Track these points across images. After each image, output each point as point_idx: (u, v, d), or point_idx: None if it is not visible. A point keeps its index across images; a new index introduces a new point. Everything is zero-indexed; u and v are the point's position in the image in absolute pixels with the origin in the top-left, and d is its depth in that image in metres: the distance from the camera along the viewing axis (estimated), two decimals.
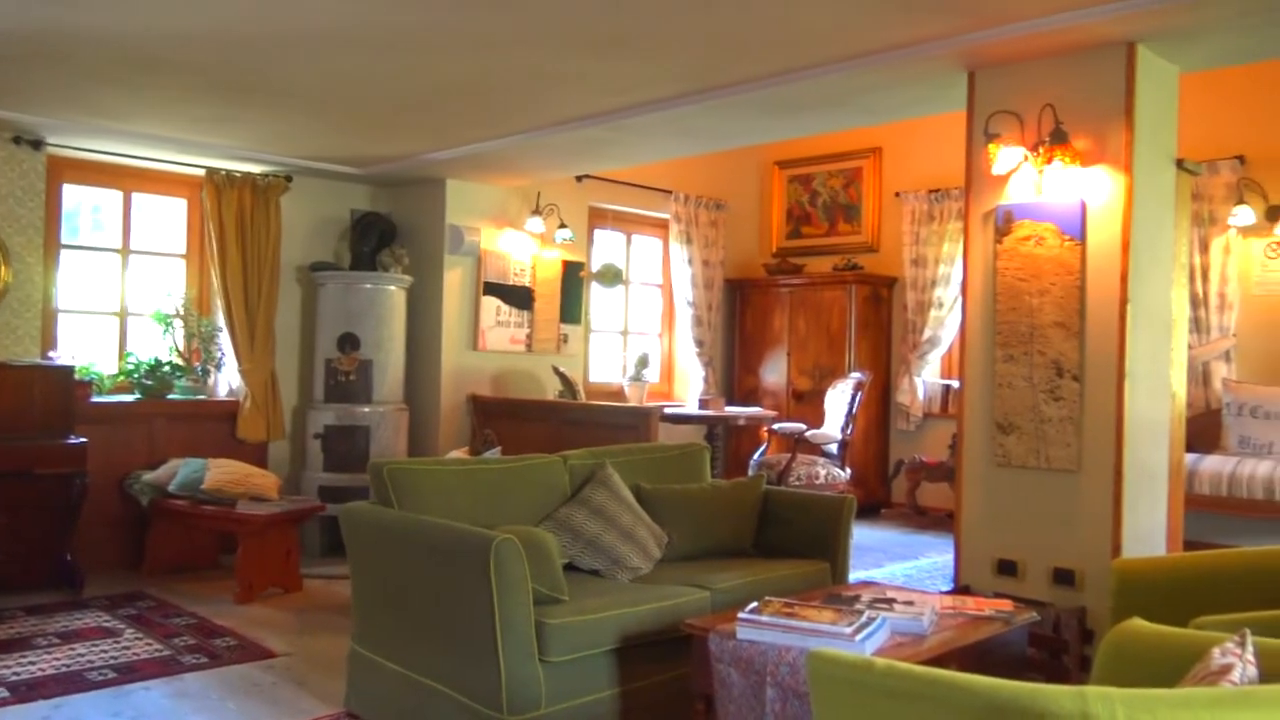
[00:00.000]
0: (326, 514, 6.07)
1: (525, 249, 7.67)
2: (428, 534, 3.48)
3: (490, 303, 7.46)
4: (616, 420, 6.19)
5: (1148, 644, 2.22)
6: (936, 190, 8.04)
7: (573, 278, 7.93)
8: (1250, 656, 1.85)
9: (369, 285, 6.89)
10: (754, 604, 3.10)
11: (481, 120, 5.76)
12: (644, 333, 8.85)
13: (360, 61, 4.64)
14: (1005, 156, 4.20)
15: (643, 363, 7.95)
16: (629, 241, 8.68)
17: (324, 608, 5.34)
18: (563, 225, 7.71)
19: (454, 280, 7.31)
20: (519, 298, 7.62)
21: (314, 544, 6.52)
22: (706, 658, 3.06)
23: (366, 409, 6.79)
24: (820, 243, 8.95)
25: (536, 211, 7.61)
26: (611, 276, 8.00)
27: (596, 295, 8.34)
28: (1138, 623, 2.31)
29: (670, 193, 8.45)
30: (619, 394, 8.25)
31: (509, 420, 6.83)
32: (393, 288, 6.98)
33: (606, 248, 8.47)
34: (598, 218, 8.29)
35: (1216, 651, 1.88)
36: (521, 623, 3.17)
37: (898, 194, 8.34)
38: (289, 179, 6.90)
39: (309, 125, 5.86)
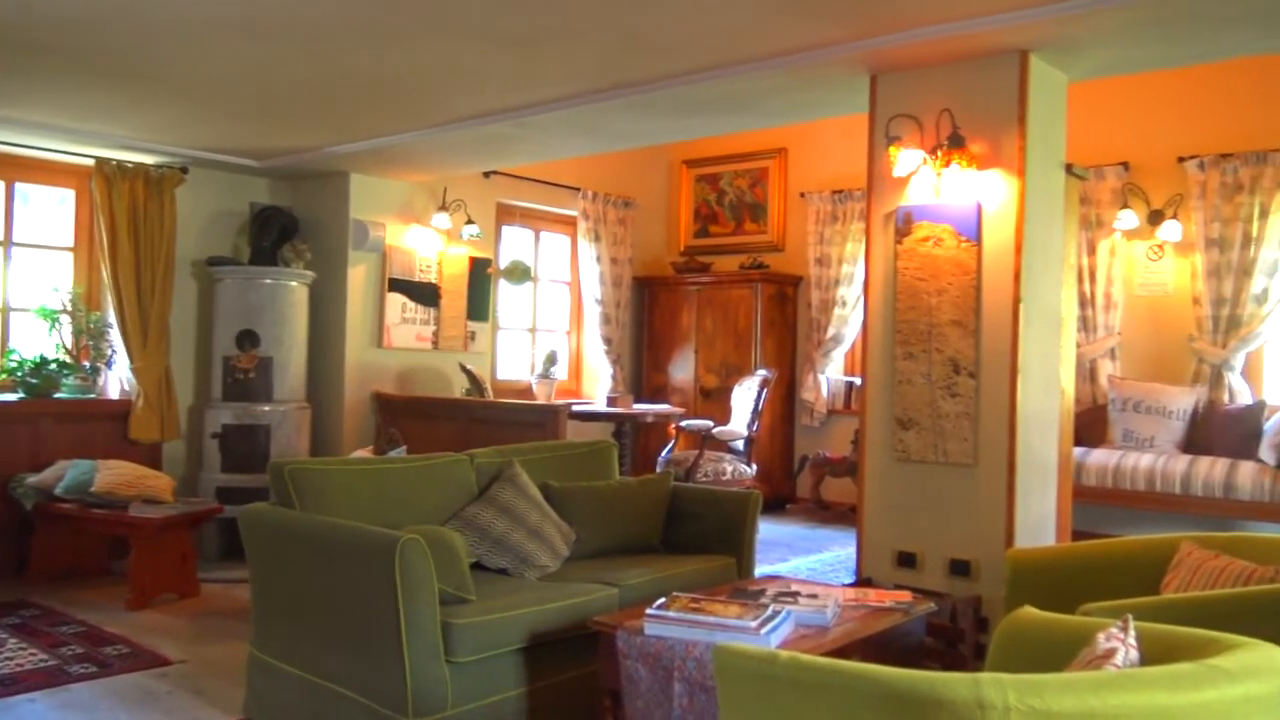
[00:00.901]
0: (224, 516, 5.90)
1: (432, 245, 7.58)
2: (331, 535, 3.42)
3: (396, 299, 7.35)
4: (524, 418, 6.17)
5: (1038, 631, 2.31)
6: (840, 191, 8.20)
7: (480, 275, 7.86)
8: (1132, 640, 1.94)
9: (269, 281, 6.72)
10: (661, 600, 3.12)
11: (387, 114, 5.67)
12: (552, 330, 8.82)
13: (258, 50, 4.52)
14: (905, 159, 4.31)
15: (551, 360, 7.92)
16: (537, 238, 8.64)
17: (222, 613, 5.19)
18: (470, 221, 7.64)
19: (358, 276, 7.18)
20: (425, 294, 7.52)
21: (211, 547, 6.33)
22: (614, 654, 3.06)
23: (266, 408, 6.62)
24: (727, 242, 9.04)
25: (443, 207, 7.52)
26: (519, 274, 7.95)
27: (504, 292, 8.29)
28: (1029, 610, 2.39)
29: (579, 190, 8.44)
30: (527, 392, 8.21)
31: (415, 419, 6.73)
32: (294, 283, 6.82)
33: (514, 245, 8.41)
34: (506, 214, 8.23)
35: (1101, 636, 1.96)
36: (427, 623, 3.14)
37: (803, 194, 8.48)
38: (184, 170, 6.68)
39: (205, 115, 5.68)
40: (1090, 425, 6.76)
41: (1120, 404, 6.63)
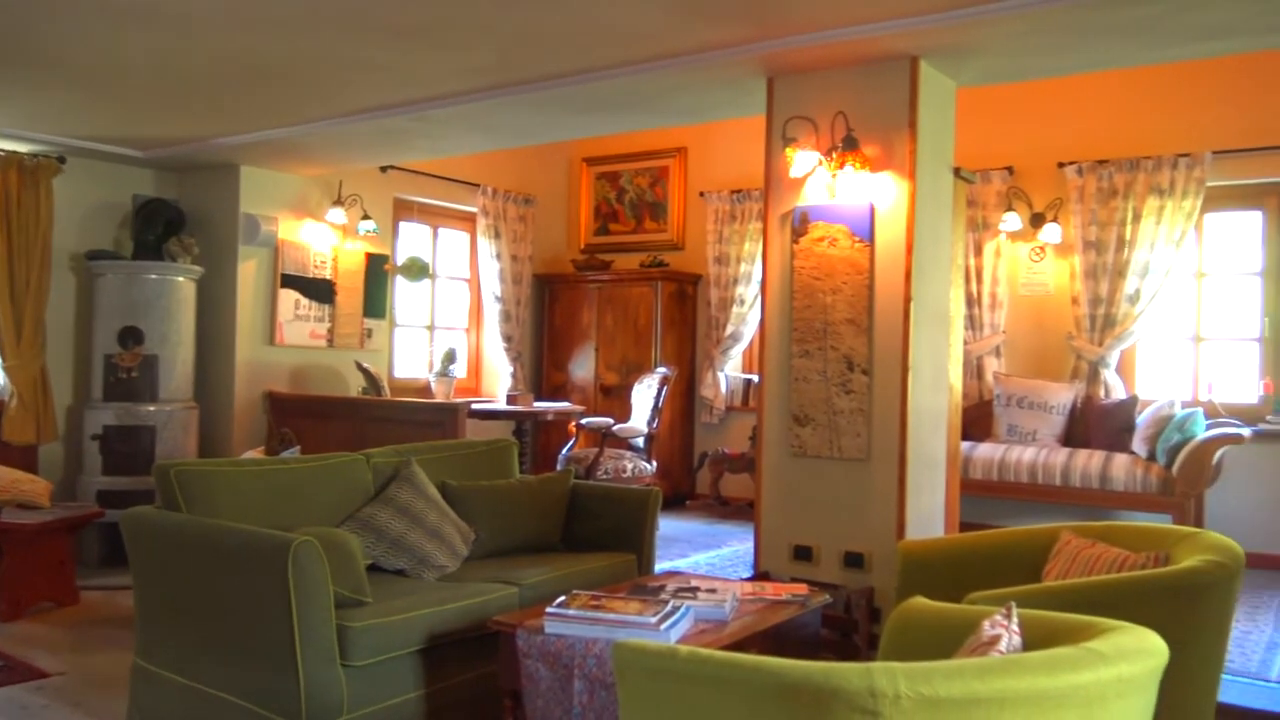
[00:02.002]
0: (106, 521, 5.66)
1: (326, 241, 7.41)
2: (220, 538, 3.31)
3: (289, 296, 7.16)
4: (422, 417, 6.08)
5: (928, 620, 2.38)
6: (739, 191, 8.31)
7: (377, 271, 7.72)
8: (1015, 627, 2.01)
9: (154, 276, 6.47)
10: (562, 598, 3.12)
11: (278, 105, 5.51)
12: (451, 328, 8.71)
13: (142, 36, 4.35)
14: (801, 160, 4.39)
15: (449, 358, 7.82)
16: (435, 235, 8.52)
17: (103, 621, 4.99)
18: (366, 217, 7.49)
19: (249, 272, 6.97)
20: (320, 291, 7.35)
21: (92, 554, 6.07)
22: (514, 654, 3.05)
23: (151, 408, 6.38)
24: (627, 240, 9.07)
25: (338, 202, 7.36)
26: (417, 270, 7.83)
27: (402, 289, 8.15)
28: (919, 600, 2.47)
29: (478, 186, 8.36)
30: (425, 390, 8.09)
31: (309, 418, 6.57)
32: (181, 279, 6.59)
33: (412, 241, 8.28)
34: (403, 210, 8.10)
35: (986, 624, 2.04)
36: (322, 627, 3.07)
37: (702, 194, 8.56)
38: (61, 160, 6.37)
39: (84, 102, 5.44)
40: (977, 420, 7.00)
41: (1005, 400, 6.88)
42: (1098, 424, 6.57)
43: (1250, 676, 4.07)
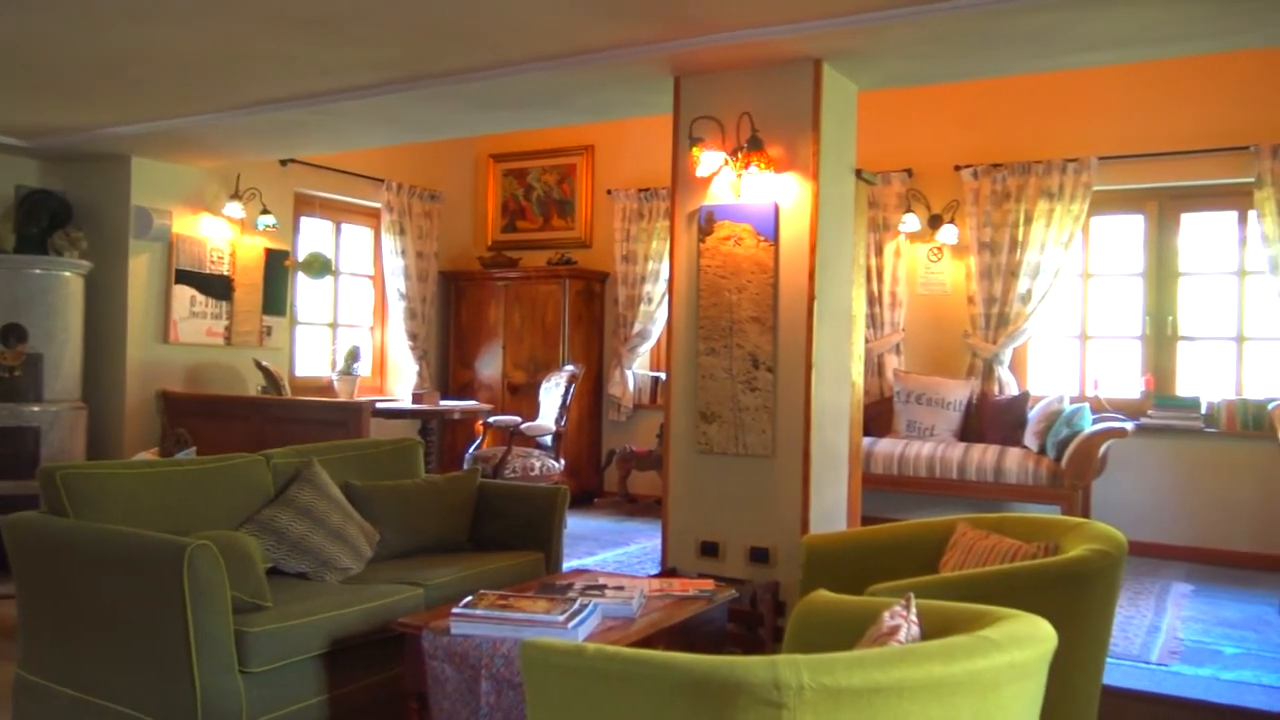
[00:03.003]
0: None
1: (223, 235, 7.19)
2: (110, 544, 3.19)
3: (184, 292, 6.93)
4: (325, 416, 5.96)
5: (831, 612, 2.43)
6: (646, 189, 8.34)
7: (277, 267, 7.53)
8: (914, 617, 2.07)
9: (38, 271, 6.19)
10: (468, 598, 3.10)
11: (172, 95, 5.33)
12: (354, 325, 8.55)
13: (23, 18, 4.15)
14: (707, 160, 4.43)
15: (353, 356, 7.67)
16: (338, 230, 8.35)
17: None
18: (265, 211, 7.30)
19: (141, 267, 6.73)
20: (217, 287, 7.14)
21: None
22: (420, 655, 3.01)
23: (35, 408, 6.11)
24: (535, 237, 9.03)
25: (236, 196, 7.15)
26: (319, 266, 7.65)
27: (303, 286, 7.97)
28: (822, 593, 2.52)
29: (383, 181, 8.21)
30: (328, 389, 7.93)
31: (205, 418, 6.38)
32: (67, 274, 6.32)
33: (314, 236, 8.10)
34: (304, 204, 7.91)
35: (886, 615, 2.09)
36: (219, 633, 2.98)
37: (610, 191, 8.57)
38: None
39: None
40: (878, 416, 7.17)
41: (904, 396, 7.06)
42: (992, 419, 6.79)
43: (1133, 659, 4.26)
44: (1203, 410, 6.51)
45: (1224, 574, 6.06)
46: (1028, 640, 1.87)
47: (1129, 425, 6.24)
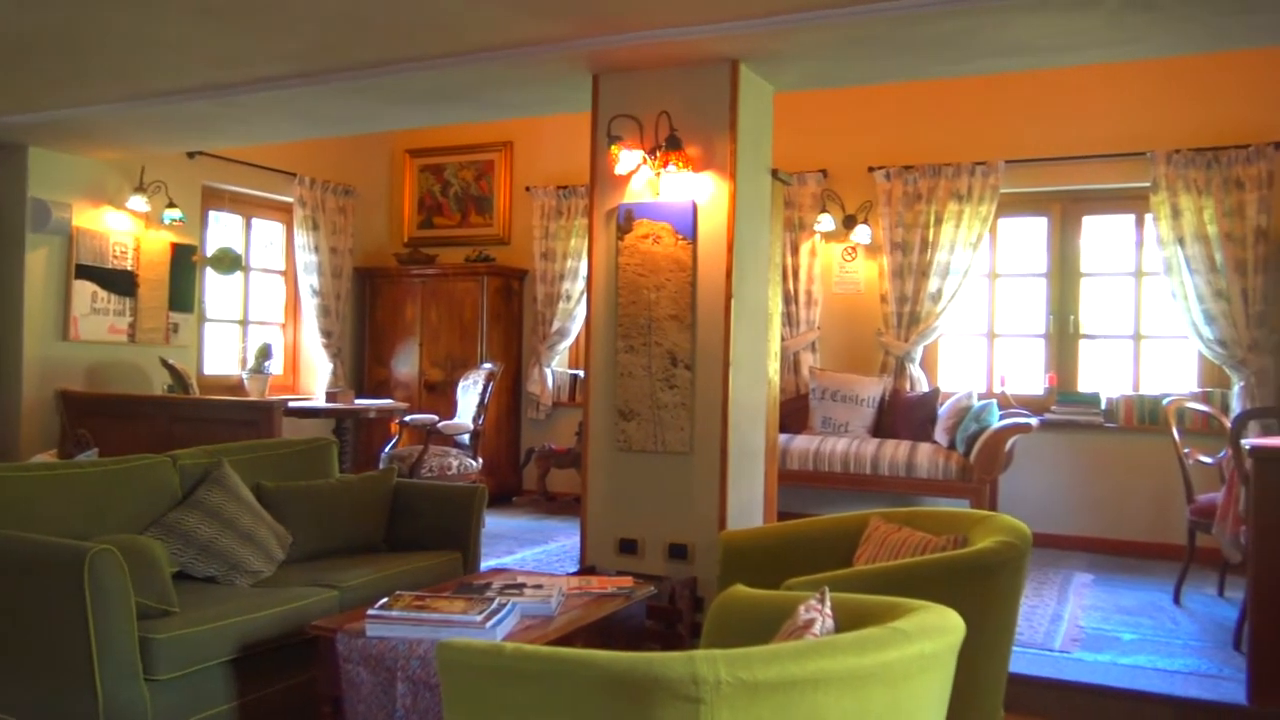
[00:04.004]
0: None
1: (127, 229, 6.96)
2: (6, 550, 3.05)
3: (84, 287, 6.69)
4: (234, 416, 5.82)
5: (747, 606, 2.46)
6: (565, 187, 8.32)
7: (184, 262, 7.32)
8: (828, 610, 2.11)
9: None
10: (384, 599, 3.05)
11: (72, 83, 5.14)
12: (266, 322, 8.35)
13: None
14: (626, 158, 4.44)
15: (264, 354, 7.49)
16: (248, 225, 8.14)
17: None
18: (171, 205, 7.08)
19: (38, 262, 6.47)
20: (120, 283, 6.90)
21: None
22: (334, 659, 2.96)
23: None
24: (452, 233, 8.93)
25: (140, 189, 6.93)
26: (228, 262, 7.46)
27: (211, 282, 7.75)
28: (739, 588, 2.54)
29: (295, 176, 8.04)
30: (238, 388, 7.73)
31: (108, 418, 6.16)
32: None
33: (223, 231, 7.89)
34: (213, 198, 7.70)
35: (802, 608, 2.12)
36: (122, 641, 2.89)
37: (528, 188, 8.53)
38: None
39: None
40: (794, 413, 7.27)
41: (820, 393, 7.18)
42: (904, 415, 6.95)
43: (1037, 647, 4.40)
44: (1102, 406, 6.76)
45: (1122, 563, 6.30)
46: (937, 631, 1.92)
47: (1034, 421, 6.44)
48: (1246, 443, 4.19)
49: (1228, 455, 4.69)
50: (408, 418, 6.98)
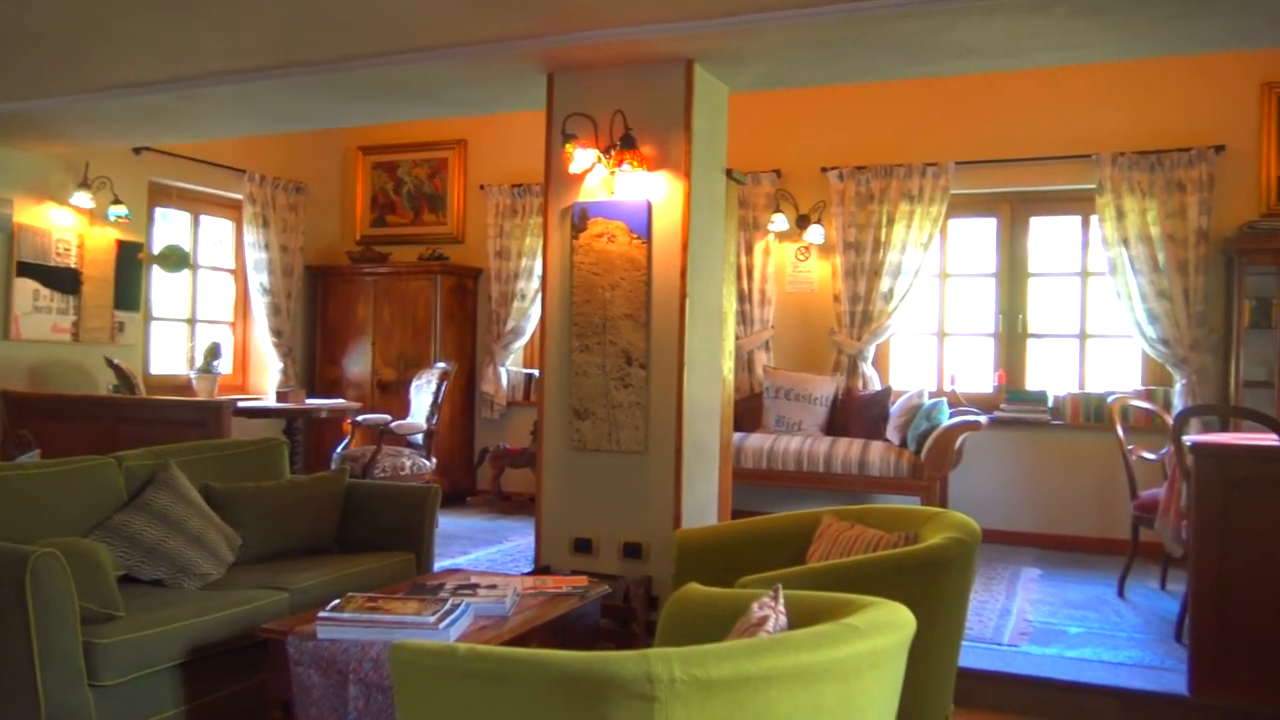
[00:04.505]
0: None
1: (71, 226, 6.81)
2: None
3: (26, 285, 6.54)
4: (182, 416, 5.73)
5: (702, 605, 2.47)
6: (519, 185, 8.29)
7: (129, 260, 7.18)
8: (781, 608, 2.12)
9: None
10: (336, 601, 3.03)
11: (13, 75, 5.02)
12: (215, 321, 8.22)
13: None
14: (581, 157, 4.43)
15: (212, 353, 7.37)
16: (196, 222, 8.01)
17: None
18: (117, 201, 6.94)
19: None
20: (63, 280, 6.76)
21: None
22: (285, 662, 2.93)
23: None
24: (406, 232, 8.86)
25: (85, 184, 6.78)
26: (176, 260, 7.33)
27: (158, 280, 7.62)
28: (694, 587, 2.55)
29: (245, 172, 7.92)
30: (186, 388, 7.60)
31: (51, 419, 6.03)
32: None
33: (170, 228, 7.75)
34: (160, 195, 7.56)
35: (755, 606, 2.14)
36: (66, 646, 2.83)
37: (482, 187, 8.48)
38: None
39: None
40: (747, 412, 7.31)
41: (773, 392, 7.22)
42: (856, 414, 7.02)
43: (986, 641, 4.47)
44: (1049, 404, 6.88)
45: (1069, 558, 6.42)
46: (889, 626, 1.94)
47: (983, 418, 6.54)
48: (1188, 439, 4.29)
49: (1170, 452, 4.80)
50: (360, 417, 6.91)
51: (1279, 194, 6.36)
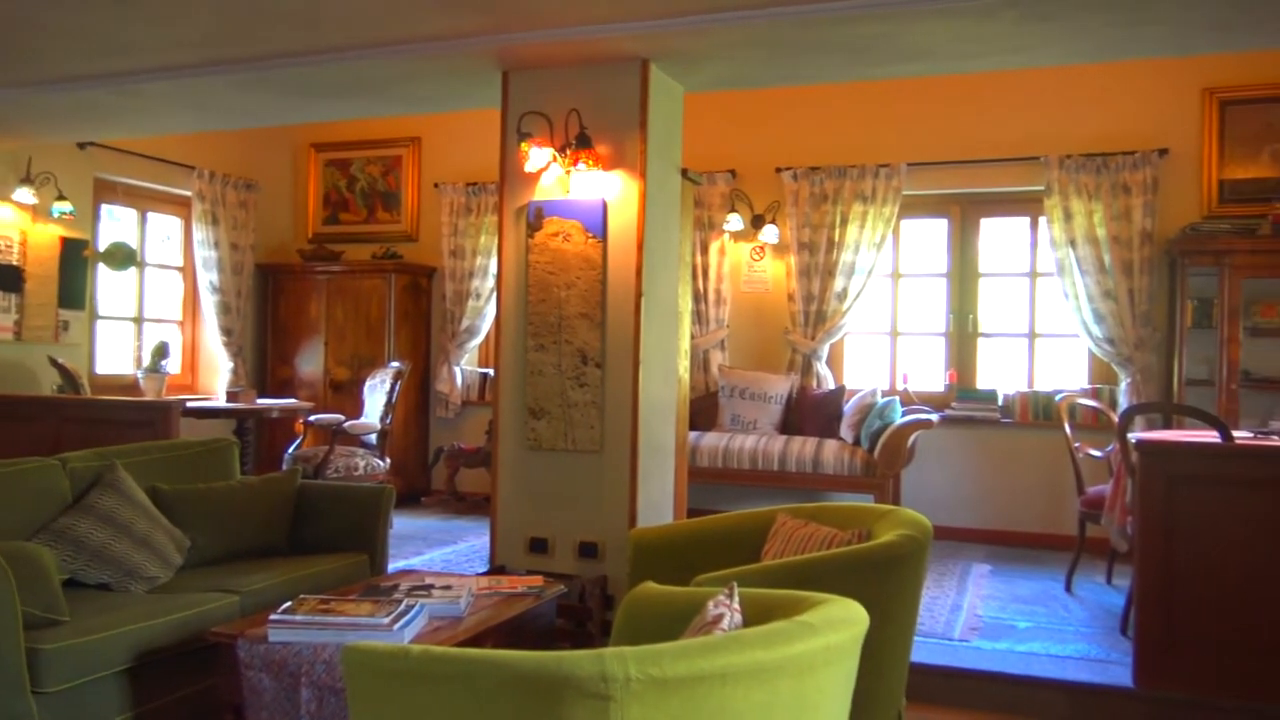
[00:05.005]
0: None
1: (13, 223, 6.65)
2: None
3: None
4: (129, 416, 5.63)
5: (657, 603, 2.47)
6: (474, 183, 8.24)
7: (74, 257, 7.03)
8: (736, 606, 2.14)
9: None
10: (288, 604, 2.99)
11: None
12: (163, 320, 8.08)
13: None
14: (536, 156, 4.42)
15: (160, 353, 7.24)
16: (144, 219, 7.86)
17: None
18: (61, 197, 6.80)
19: None
20: (5, 278, 6.60)
21: None
22: (235, 666, 2.89)
23: None
24: (359, 230, 8.77)
25: (27, 180, 6.63)
26: (122, 257, 7.19)
27: (104, 278, 7.47)
28: (649, 585, 2.56)
29: (193, 169, 7.79)
30: (133, 388, 7.46)
31: None
32: None
33: (116, 225, 7.60)
34: (105, 191, 7.42)
35: (711, 604, 2.15)
36: (7, 652, 2.77)
37: (437, 185, 8.43)
38: None
39: None
40: (703, 411, 7.33)
41: (729, 391, 7.26)
42: (810, 413, 7.07)
43: (938, 637, 4.53)
44: (999, 402, 6.98)
45: (1018, 554, 6.53)
46: (842, 623, 1.96)
47: (935, 417, 6.62)
48: (1133, 437, 4.38)
49: (1115, 449, 4.90)
50: (312, 417, 6.83)
51: (1220, 197, 6.52)
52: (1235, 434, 4.27)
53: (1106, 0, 3.70)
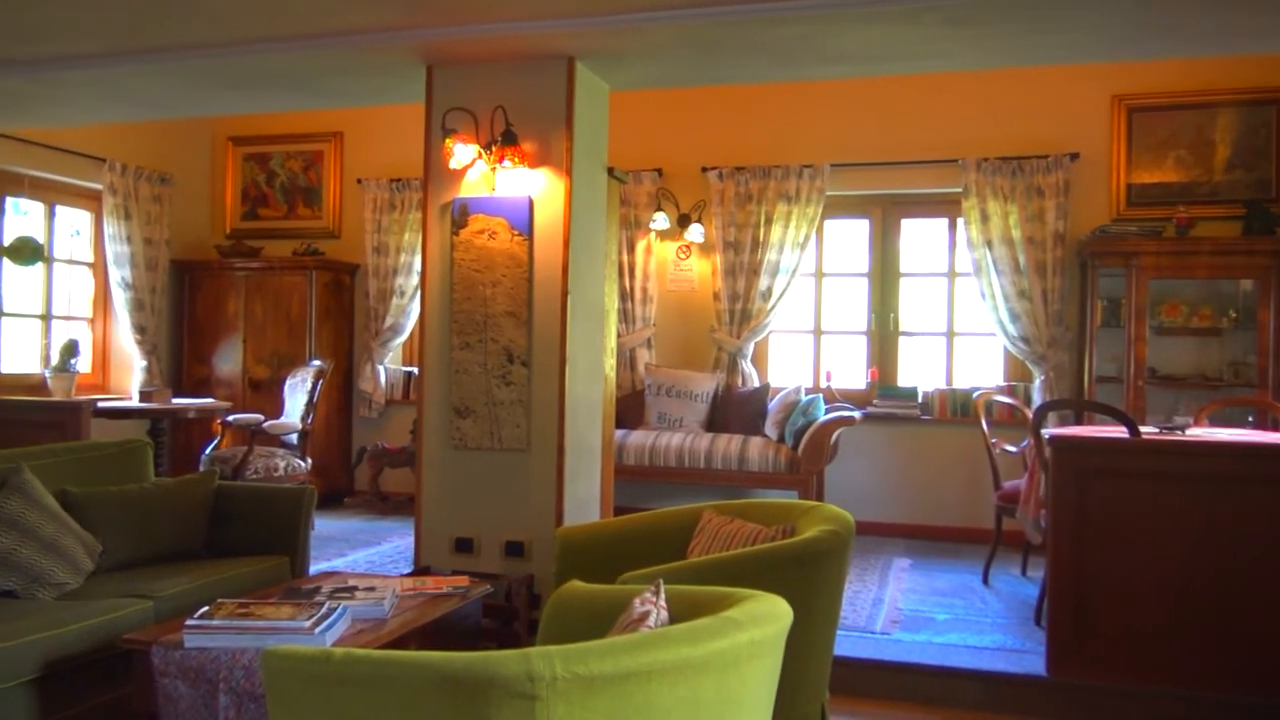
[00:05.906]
0: None
1: None
2: None
3: None
4: (35, 417, 5.46)
5: (584, 602, 2.48)
6: (398, 180, 8.13)
7: None
8: (663, 603, 2.15)
9: None
10: (204, 608, 2.92)
11: None
12: (72, 317, 7.81)
13: None
14: (461, 152, 4.38)
15: (69, 351, 7.01)
16: (51, 213, 7.59)
17: None
18: None
19: None
20: None
21: None
22: (150, 673, 2.81)
23: None
24: (279, 226, 8.59)
25: None
26: (28, 253, 6.93)
27: (9, 274, 7.19)
28: (575, 584, 2.56)
29: (104, 161, 7.55)
30: (40, 387, 7.20)
31: None
32: None
33: (22, 219, 7.32)
34: (10, 184, 7.14)
35: (637, 601, 2.16)
36: None
37: (360, 181, 8.29)
38: None
39: None
40: (630, 409, 7.35)
41: (655, 389, 7.28)
42: (736, 410, 7.13)
43: (860, 630, 4.61)
44: (919, 399, 7.13)
45: (937, 548, 6.67)
46: (767, 618, 1.98)
47: (857, 414, 6.73)
48: (1046, 432, 4.51)
49: (1030, 444, 5.04)
50: (231, 417, 6.68)
51: (1128, 200, 6.75)
52: (1142, 429, 4.42)
53: (1023, 8, 3.81)
